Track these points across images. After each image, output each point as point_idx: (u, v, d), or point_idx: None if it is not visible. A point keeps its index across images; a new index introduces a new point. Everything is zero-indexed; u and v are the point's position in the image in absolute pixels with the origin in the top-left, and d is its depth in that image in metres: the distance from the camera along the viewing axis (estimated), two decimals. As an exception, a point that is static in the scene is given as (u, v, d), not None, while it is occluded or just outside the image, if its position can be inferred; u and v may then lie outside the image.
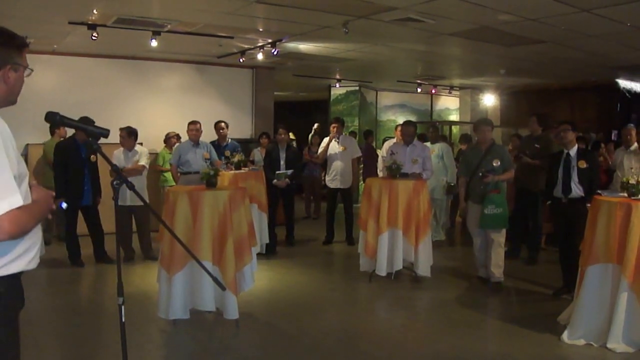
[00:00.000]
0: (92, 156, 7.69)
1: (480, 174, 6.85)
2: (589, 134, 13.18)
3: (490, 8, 7.02)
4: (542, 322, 5.58)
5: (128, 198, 7.71)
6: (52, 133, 9.23)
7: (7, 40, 2.32)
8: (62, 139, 8.69)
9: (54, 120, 2.48)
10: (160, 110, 11.13)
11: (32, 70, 2.41)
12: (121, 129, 8.10)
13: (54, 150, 7.91)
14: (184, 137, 9.46)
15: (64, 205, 7.45)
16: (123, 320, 2.70)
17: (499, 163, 6.86)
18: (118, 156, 8.08)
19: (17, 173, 2.20)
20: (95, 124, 2.83)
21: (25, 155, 9.52)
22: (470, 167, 7.08)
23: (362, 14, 7.40)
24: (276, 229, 9.05)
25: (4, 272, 2.22)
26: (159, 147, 10.34)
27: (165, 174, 9.86)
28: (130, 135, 8.12)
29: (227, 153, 8.91)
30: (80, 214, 7.93)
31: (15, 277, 2.30)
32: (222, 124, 9.27)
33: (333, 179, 9.51)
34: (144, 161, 8.22)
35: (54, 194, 2.45)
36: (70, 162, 7.62)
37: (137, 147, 8.26)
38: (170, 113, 11.06)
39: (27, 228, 2.20)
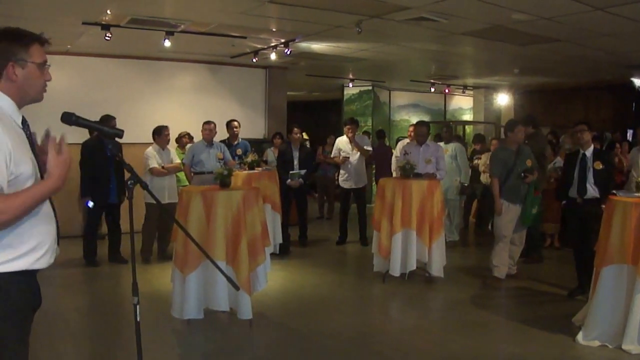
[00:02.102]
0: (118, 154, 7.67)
1: (522, 175, 6.86)
2: (604, 133, 13.08)
3: (504, 7, 6.97)
4: (556, 323, 5.55)
5: (166, 196, 7.88)
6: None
7: (9, 37, 2.32)
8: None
9: (70, 120, 2.47)
10: (173, 110, 11.14)
11: (48, 65, 2.40)
12: (166, 127, 8.32)
13: (81, 149, 7.95)
14: (197, 137, 9.50)
15: (90, 204, 7.51)
16: (138, 319, 2.70)
17: (531, 163, 6.94)
18: (153, 155, 8.16)
19: (16, 173, 2.20)
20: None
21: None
22: (506, 168, 7.03)
23: (375, 13, 7.38)
24: (289, 229, 9.05)
25: (5, 268, 2.23)
26: (172, 147, 10.36)
27: (178, 174, 9.87)
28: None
29: (239, 152, 8.91)
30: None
31: (24, 275, 2.30)
32: (235, 122, 9.28)
33: (346, 179, 9.50)
34: (178, 159, 8.48)
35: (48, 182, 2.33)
36: (97, 160, 7.66)
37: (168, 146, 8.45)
38: (183, 113, 11.08)
39: (6, 216, 2.15)
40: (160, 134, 8.26)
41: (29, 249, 2.30)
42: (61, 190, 2.36)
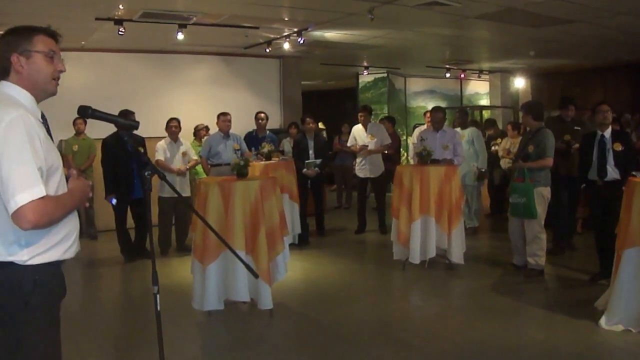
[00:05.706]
0: (139, 148, 7.69)
1: (513, 160, 6.78)
2: (623, 115, 12.89)
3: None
4: (579, 308, 5.48)
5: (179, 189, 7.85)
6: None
7: (13, 31, 2.36)
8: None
9: (86, 113, 2.51)
10: (188, 103, 11.19)
11: (53, 52, 2.39)
12: (175, 119, 8.24)
13: (101, 147, 7.91)
14: (213, 129, 9.50)
15: (114, 201, 7.53)
16: (159, 309, 2.70)
17: (532, 150, 6.64)
18: (164, 148, 8.13)
19: (47, 165, 2.23)
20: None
21: (60, 151, 9.63)
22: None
23: (387, -1, 7.34)
24: (307, 219, 9.04)
25: (40, 260, 2.27)
26: (188, 139, 10.36)
27: (196, 167, 9.89)
28: (179, 125, 8.29)
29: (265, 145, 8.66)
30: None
31: (54, 266, 2.35)
32: (262, 114, 9.28)
33: (362, 168, 9.47)
34: (195, 155, 8.48)
35: (90, 183, 2.49)
36: (118, 157, 7.61)
37: (180, 139, 8.37)
38: (198, 105, 11.13)
39: (55, 217, 2.23)
40: (166, 126, 8.22)
41: (60, 239, 2.35)
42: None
